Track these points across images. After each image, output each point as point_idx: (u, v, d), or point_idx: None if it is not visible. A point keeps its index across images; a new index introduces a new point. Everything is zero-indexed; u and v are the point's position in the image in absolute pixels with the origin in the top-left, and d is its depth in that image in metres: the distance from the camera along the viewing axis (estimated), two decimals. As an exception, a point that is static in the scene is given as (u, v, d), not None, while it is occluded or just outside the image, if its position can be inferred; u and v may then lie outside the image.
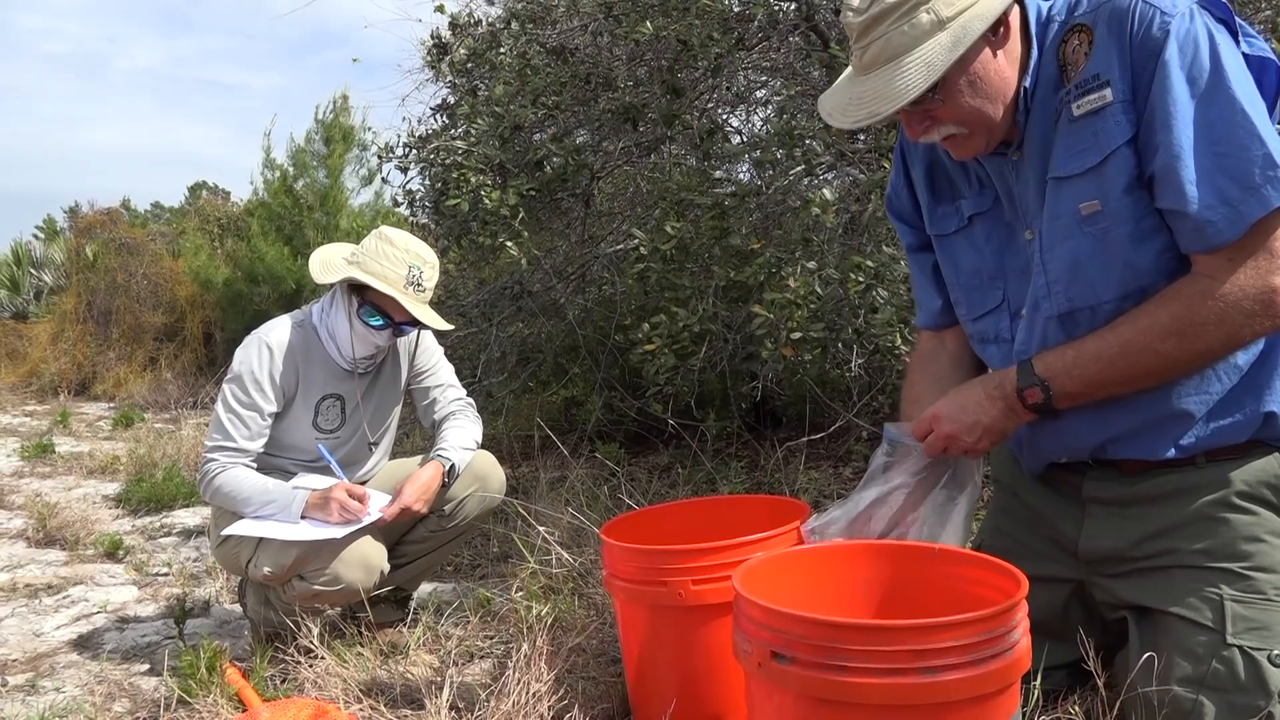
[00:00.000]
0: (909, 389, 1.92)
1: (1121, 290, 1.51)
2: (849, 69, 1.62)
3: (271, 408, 2.38)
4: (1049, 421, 1.60)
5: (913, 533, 1.63)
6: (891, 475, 1.68)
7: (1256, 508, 1.52)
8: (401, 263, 2.33)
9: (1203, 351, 1.45)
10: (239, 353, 2.41)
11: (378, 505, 2.34)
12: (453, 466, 2.44)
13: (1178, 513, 1.56)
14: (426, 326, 2.40)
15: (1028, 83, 1.56)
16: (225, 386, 2.40)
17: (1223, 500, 1.53)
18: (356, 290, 2.39)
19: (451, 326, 2.46)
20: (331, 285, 2.45)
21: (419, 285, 2.35)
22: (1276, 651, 1.44)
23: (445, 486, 2.44)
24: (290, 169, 9.35)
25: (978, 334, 1.79)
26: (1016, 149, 1.61)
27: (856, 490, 1.70)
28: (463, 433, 2.53)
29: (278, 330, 2.42)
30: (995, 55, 1.51)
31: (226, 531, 2.32)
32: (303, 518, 2.30)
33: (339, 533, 2.25)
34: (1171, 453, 1.55)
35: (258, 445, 2.39)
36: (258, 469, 2.39)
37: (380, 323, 2.39)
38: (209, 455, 2.36)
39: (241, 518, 2.33)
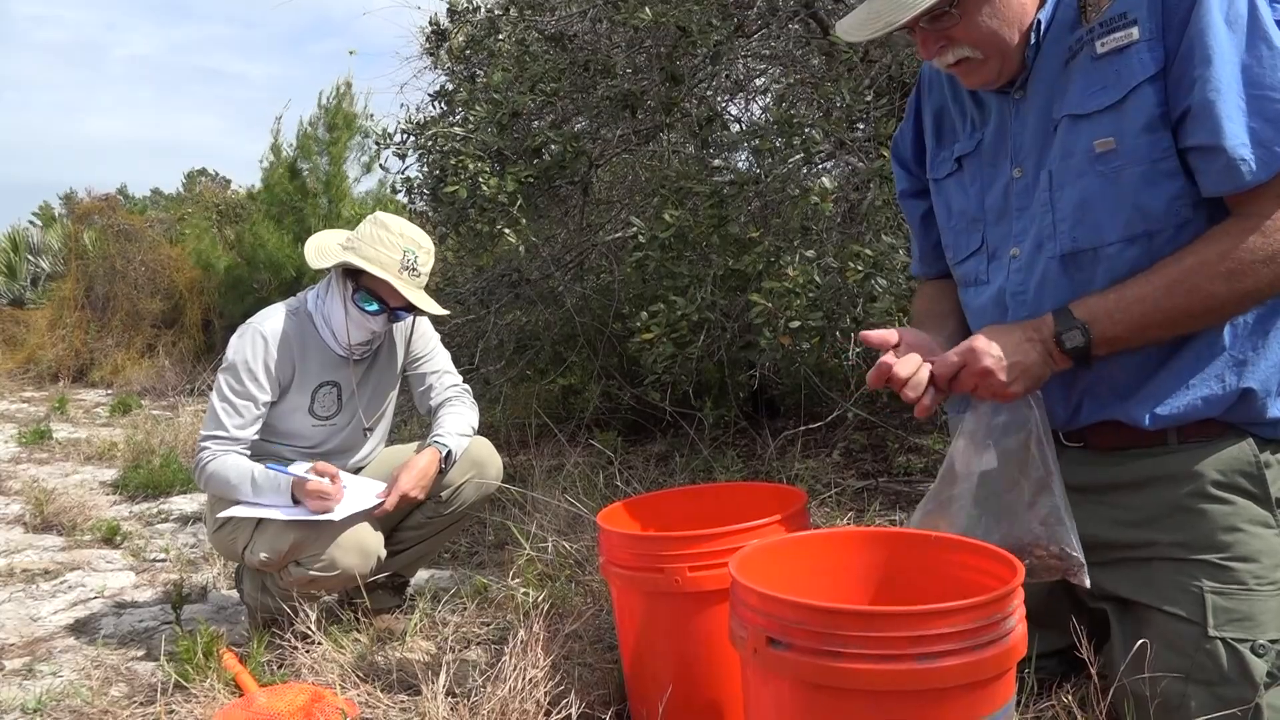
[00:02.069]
0: (913, 313, 1.97)
1: (1128, 233, 1.49)
2: None
3: (266, 396, 2.38)
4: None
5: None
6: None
7: (1233, 496, 1.51)
8: (396, 248, 2.32)
9: (1251, 291, 1.41)
10: (233, 341, 2.41)
11: (373, 492, 2.34)
12: (449, 452, 2.44)
13: (1154, 503, 1.55)
14: (422, 312, 2.40)
15: (1043, 15, 1.55)
16: (220, 375, 2.40)
17: (1198, 491, 1.51)
18: (351, 275, 2.38)
19: (447, 311, 2.46)
20: (327, 271, 2.45)
21: (414, 270, 2.34)
22: (1260, 641, 1.44)
23: (442, 472, 2.44)
24: (296, 154, 9.35)
25: (962, 278, 1.79)
26: (1020, 87, 1.61)
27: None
28: (459, 419, 2.53)
29: (272, 319, 2.42)
30: None
31: (222, 515, 2.32)
32: (295, 503, 2.30)
33: (334, 514, 2.25)
34: (1146, 421, 1.53)
35: (251, 433, 2.38)
36: (256, 456, 2.39)
37: (375, 308, 2.38)
38: (203, 444, 2.36)
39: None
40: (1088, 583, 1.50)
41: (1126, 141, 1.47)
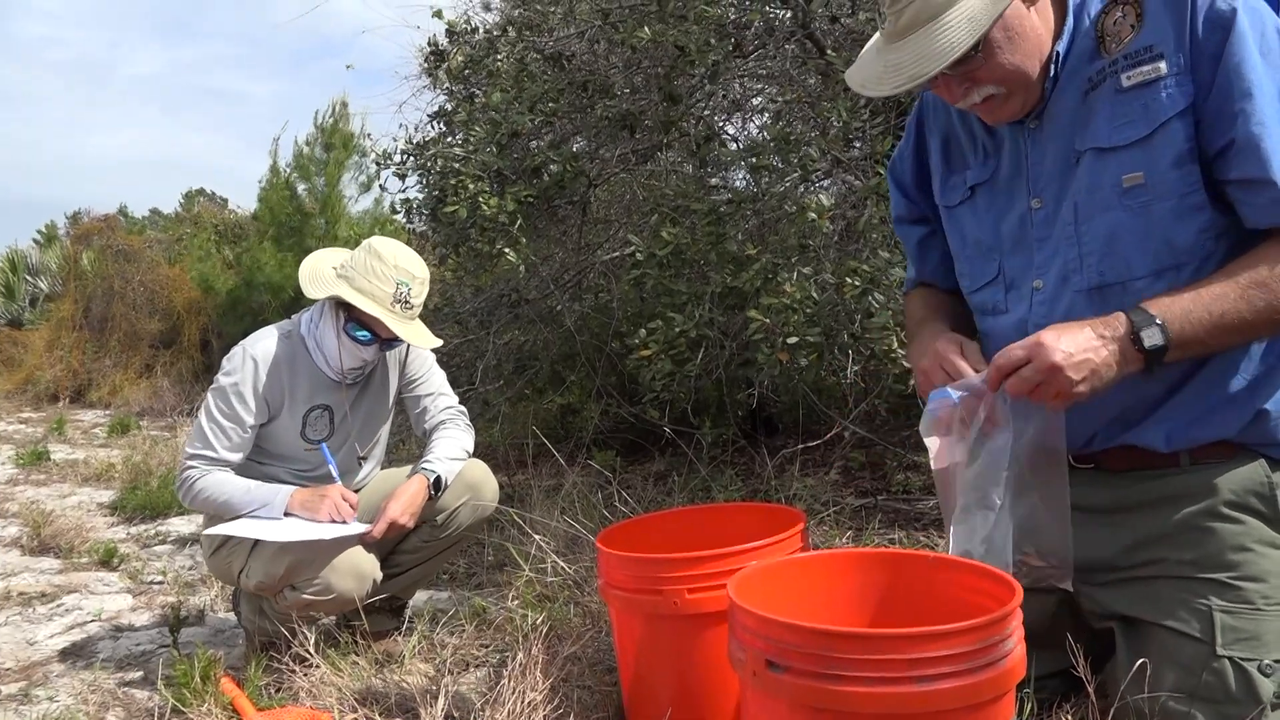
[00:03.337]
0: (909, 317, 1.94)
1: (1156, 266, 1.49)
2: (874, 40, 1.59)
3: (253, 420, 2.37)
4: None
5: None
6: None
7: (1244, 516, 1.51)
8: (389, 280, 2.31)
9: None
10: (224, 363, 2.41)
11: (361, 527, 2.34)
12: (439, 479, 2.43)
13: (1164, 522, 1.55)
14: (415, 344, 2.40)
15: (1060, 46, 1.55)
16: (209, 396, 2.40)
17: (1209, 510, 1.52)
18: (344, 305, 2.37)
19: (440, 342, 2.45)
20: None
21: (406, 303, 2.33)
22: (1267, 661, 1.43)
23: (433, 499, 2.43)
24: (293, 175, 9.37)
25: (979, 306, 1.78)
26: (1035, 118, 1.60)
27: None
28: (452, 443, 2.52)
29: (264, 342, 2.41)
30: (1029, 10, 1.51)
31: (210, 531, 2.30)
32: (287, 515, 2.30)
33: (325, 532, 2.24)
34: (1162, 444, 1.53)
35: (237, 457, 2.38)
36: (249, 477, 2.39)
37: (367, 338, 2.37)
38: (188, 462, 2.35)
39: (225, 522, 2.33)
40: (1070, 586, 1.51)
41: (1155, 176, 1.47)
